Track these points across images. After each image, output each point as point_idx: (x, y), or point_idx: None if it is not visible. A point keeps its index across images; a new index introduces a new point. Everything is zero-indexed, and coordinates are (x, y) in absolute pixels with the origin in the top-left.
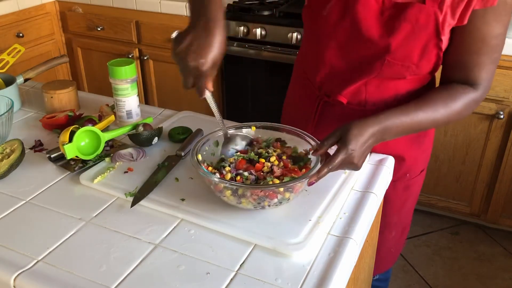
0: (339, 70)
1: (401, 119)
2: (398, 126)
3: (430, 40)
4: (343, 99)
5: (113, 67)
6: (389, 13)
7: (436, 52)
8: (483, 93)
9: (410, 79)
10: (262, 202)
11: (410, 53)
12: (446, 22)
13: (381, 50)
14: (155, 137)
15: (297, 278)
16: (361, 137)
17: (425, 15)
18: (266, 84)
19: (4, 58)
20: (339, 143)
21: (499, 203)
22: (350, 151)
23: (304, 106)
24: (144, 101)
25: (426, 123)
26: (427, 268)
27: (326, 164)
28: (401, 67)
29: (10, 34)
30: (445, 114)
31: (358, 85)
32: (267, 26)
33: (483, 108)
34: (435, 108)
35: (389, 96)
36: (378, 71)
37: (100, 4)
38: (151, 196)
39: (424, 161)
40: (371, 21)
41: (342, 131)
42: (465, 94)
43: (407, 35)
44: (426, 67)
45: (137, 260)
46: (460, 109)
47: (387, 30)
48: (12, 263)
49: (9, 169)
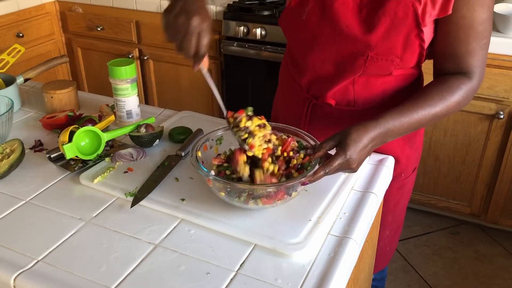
0: (324, 73)
1: (401, 120)
2: (399, 128)
3: (411, 32)
4: (331, 101)
5: (113, 67)
6: (367, 9)
7: (418, 43)
8: (478, 81)
9: (397, 76)
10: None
11: (393, 46)
12: (427, 12)
13: (363, 47)
14: (156, 139)
15: (297, 278)
16: (360, 142)
17: (403, 7)
18: (266, 84)
19: (4, 58)
20: (338, 148)
21: (499, 203)
22: (348, 156)
23: (294, 108)
24: (144, 101)
25: (426, 119)
26: (427, 268)
27: (323, 167)
28: (385, 62)
29: (10, 34)
30: (443, 107)
31: (345, 85)
32: (267, 26)
33: (483, 108)
34: (432, 103)
35: (377, 94)
36: (363, 69)
37: (100, 4)
38: (151, 196)
39: (416, 160)
40: (351, 19)
41: (342, 135)
42: (461, 84)
43: (388, 29)
44: (410, 60)
45: (137, 260)
46: (458, 100)
47: (367, 26)
48: (12, 263)
49: (9, 169)
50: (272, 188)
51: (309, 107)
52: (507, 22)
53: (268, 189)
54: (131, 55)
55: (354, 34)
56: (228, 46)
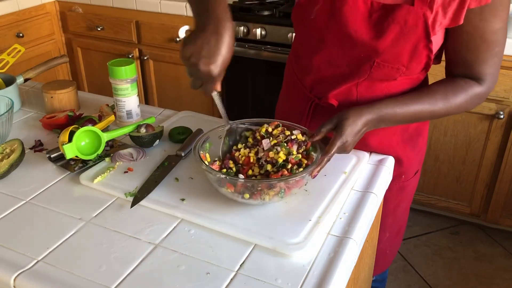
0: (328, 74)
1: (395, 110)
2: (392, 117)
3: (419, 42)
4: (334, 102)
5: (113, 67)
6: (377, 15)
7: (426, 53)
8: (489, 87)
9: (401, 80)
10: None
11: (400, 55)
12: (437, 21)
13: (370, 53)
14: (156, 140)
15: (297, 278)
16: (356, 126)
17: (414, 16)
18: (266, 84)
19: (4, 58)
20: (335, 132)
21: (499, 203)
22: (345, 140)
23: (297, 106)
24: (144, 101)
25: (423, 114)
26: (427, 268)
27: (325, 154)
28: (391, 69)
29: (10, 34)
30: (443, 107)
31: (348, 87)
32: (267, 26)
33: (483, 108)
34: (433, 101)
35: (381, 97)
36: (368, 74)
37: (100, 4)
38: (151, 196)
39: (418, 162)
40: (359, 23)
41: (338, 119)
42: (468, 88)
43: (396, 37)
44: (416, 69)
45: (137, 260)
46: (460, 103)
47: (376, 32)
48: (12, 263)
49: (9, 169)
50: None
51: (311, 107)
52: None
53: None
54: (131, 55)
55: (362, 39)
56: None
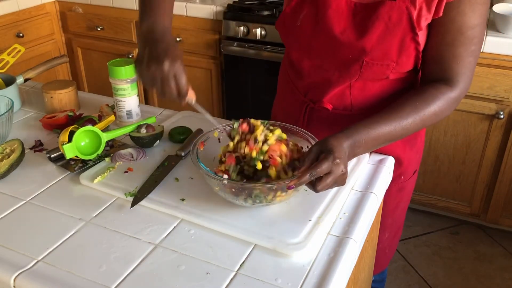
0: (320, 78)
1: (369, 132)
2: (366, 140)
3: (406, 36)
4: (328, 106)
5: (113, 67)
6: (361, 15)
7: (414, 46)
8: (461, 90)
9: (394, 80)
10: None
11: (388, 51)
12: (423, 16)
13: (358, 53)
14: (157, 140)
15: (297, 278)
16: (341, 147)
17: (397, 11)
18: (266, 84)
19: (4, 58)
20: (323, 154)
21: (499, 203)
22: (336, 157)
23: (292, 111)
24: (144, 101)
25: (395, 132)
26: (427, 268)
27: (308, 170)
28: (381, 67)
29: (10, 34)
30: (417, 118)
31: (342, 89)
32: (267, 26)
33: (483, 108)
34: (402, 115)
35: (375, 98)
36: (359, 74)
37: (100, 4)
38: (151, 196)
39: (416, 162)
40: (345, 25)
41: (320, 145)
42: (439, 94)
43: (382, 33)
44: (406, 64)
45: (137, 260)
46: (435, 111)
47: (361, 31)
48: (12, 263)
49: (9, 169)
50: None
51: (306, 111)
52: (507, 22)
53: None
54: (131, 55)
55: (349, 40)
56: (228, 46)
